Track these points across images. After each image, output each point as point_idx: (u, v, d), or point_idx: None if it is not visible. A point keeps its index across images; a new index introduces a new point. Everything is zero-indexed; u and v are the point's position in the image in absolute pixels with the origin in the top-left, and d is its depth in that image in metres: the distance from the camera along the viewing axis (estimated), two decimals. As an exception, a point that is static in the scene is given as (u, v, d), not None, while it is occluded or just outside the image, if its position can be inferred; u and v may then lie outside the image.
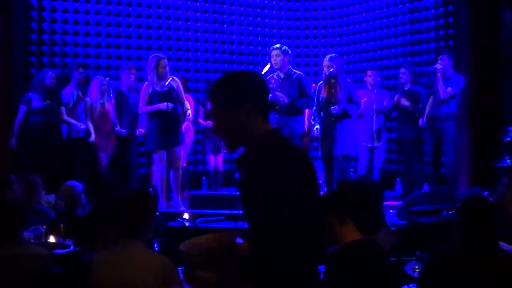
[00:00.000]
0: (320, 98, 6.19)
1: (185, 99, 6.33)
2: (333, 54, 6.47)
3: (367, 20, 8.67)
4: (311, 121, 6.54)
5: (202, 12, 8.63)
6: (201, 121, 7.48)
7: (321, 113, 6.26)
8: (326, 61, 6.20)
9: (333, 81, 6.15)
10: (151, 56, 6.31)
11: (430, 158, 6.84)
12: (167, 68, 6.16)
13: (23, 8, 7.21)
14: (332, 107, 6.03)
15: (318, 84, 6.37)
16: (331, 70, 6.10)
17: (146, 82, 6.22)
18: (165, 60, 6.18)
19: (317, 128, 6.27)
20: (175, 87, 6.16)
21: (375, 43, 8.55)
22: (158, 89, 6.11)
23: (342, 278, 2.52)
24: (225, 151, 7.72)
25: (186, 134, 6.93)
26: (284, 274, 1.96)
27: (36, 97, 6.54)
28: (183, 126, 6.50)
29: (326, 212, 2.69)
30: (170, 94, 6.13)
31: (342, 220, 2.65)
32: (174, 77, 6.30)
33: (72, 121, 6.70)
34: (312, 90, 7.24)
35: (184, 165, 7.43)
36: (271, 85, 6.01)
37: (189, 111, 6.30)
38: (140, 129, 6.89)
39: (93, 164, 6.63)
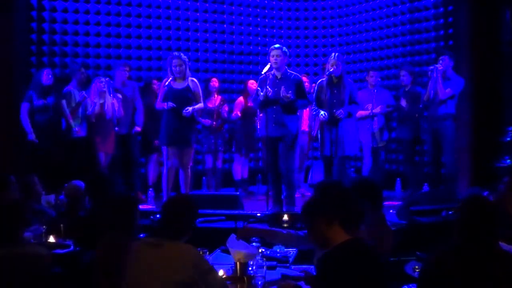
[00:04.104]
0: (322, 97, 6.12)
1: (202, 101, 6.34)
2: (338, 53, 6.44)
3: (367, 20, 8.67)
4: (313, 112, 6.39)
5: (202, 12, 8.64)
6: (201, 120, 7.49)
7: (323, 113, 6.17)
8: (333, 59, 6.15)
9: (335, 80, 6.13)
10: None
11: (431, 158, 6.84)
12: (183, 67, 6.13)
13: (23, 8, 7.21)
14: (337, 112, 5.97)
15: (319, 82, 6.30)
16: (336, 68, 6.08)
17: (165, 79, 6.32)
18: (179, 59, 6.15)
19: (322, 115, 6.06)
20: (191, 87, 6.17)
21: (375, 43, 8.55)
22: (173, 87, 6.13)
23: (335, 279, 2.53)
24: (222, 150, 7.73)
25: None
26: None
27: (35, 96, 6.58)
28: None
29: (313, 217, 2.71)
30: (184, 94, 6.14)
31: (329, 223, 2.67)
32: (193, 78, 6.32)
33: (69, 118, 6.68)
34: (312, 90, 7.25)
35: (191, 164, 7.45)
36: (266, 84, 5.97)
37: (190, 109, 6.18)
38: (137, 128, 6.97)
39: (93, 164, 6.63)
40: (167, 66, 6.31)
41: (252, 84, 7.67)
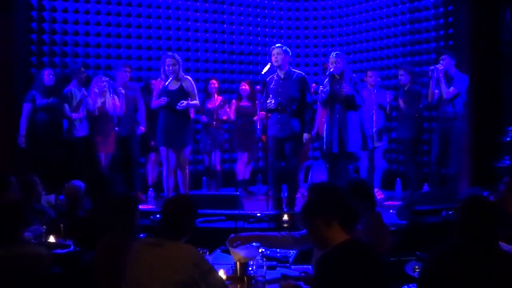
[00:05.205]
0: (325, 94, 6.18)
1: (197, 99, 6.34)
2: (338, 51, 6.51)
3: (367, 20, 8.68)
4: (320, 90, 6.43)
5: (202, 12, 8.64)
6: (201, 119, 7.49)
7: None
8: (332, 57, 6.22)
9: (337, 77, 6.18)
10: None
11: (433, 158, 6.84)
12: (176, 67, 6.15)
13: (23, 8, 7.21)
14: (343, 85, 6.06)
15: (326, 81, 6.37)
16: (335, 66, 6.14)
17: (158, 79, 6.34)
18: (173, 59, 6.18)
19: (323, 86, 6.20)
20: (185, 87, 6.17)
21: (375, 43, 8.56)
22: (167, 87, 6.14)
23: (335, 279, 2.53)
24: (223, 150, 7.73)
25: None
26: None
27: (38, 96, 6.62)
28: None
29: (312, 217, 2.72)
30: (178, 94, 6.14)
31: (328, 223, 2.67)
32: (187, 77, 6.32)
33: (73, 114, 6.68)
34: (312, 90, 7.27)
35: (189, 165, 7.46)
36: (270, 86, 6.01)
37: (184, 103, 6.17)
38: (141, 127, 6.95)
39: (93, 164, 6.63)
40: (160, 66, 6.34)
41: (243, 85, 7.71)
